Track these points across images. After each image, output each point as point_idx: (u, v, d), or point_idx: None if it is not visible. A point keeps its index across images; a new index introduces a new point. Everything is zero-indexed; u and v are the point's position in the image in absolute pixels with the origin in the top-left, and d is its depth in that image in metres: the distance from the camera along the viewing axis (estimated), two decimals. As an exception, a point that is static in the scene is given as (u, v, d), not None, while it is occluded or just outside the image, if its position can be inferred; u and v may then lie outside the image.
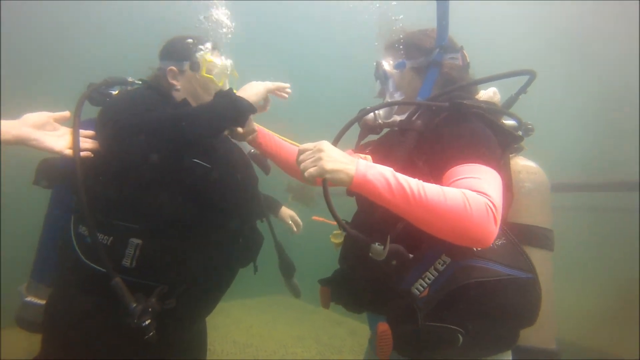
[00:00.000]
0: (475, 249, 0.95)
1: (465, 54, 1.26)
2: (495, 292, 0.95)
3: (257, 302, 5.63)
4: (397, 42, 1.30)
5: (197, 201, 1.26)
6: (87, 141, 1.18)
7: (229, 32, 1.54)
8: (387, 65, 1.31)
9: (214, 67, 1.46)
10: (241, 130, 1.43)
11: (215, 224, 1.31)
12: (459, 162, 0.96)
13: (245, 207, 1.44)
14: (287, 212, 1.94)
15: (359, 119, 1.18)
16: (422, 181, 0.90)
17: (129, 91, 1.36)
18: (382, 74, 1.30)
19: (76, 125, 1.17)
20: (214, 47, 1.49)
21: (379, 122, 1.20)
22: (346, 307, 1.19)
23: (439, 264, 0.96)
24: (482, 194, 0.87)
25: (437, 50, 1.21)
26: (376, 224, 1.02)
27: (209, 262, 1.31)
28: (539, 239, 1.24)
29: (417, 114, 1.15)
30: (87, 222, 1.16)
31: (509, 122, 1.20)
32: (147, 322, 1.10)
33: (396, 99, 1.27)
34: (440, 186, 0.89)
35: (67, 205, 1.34)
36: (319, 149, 0.95)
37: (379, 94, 1.34)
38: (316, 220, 1.44)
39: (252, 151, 1.62)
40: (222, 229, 1.34)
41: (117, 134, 1.14)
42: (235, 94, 1.29)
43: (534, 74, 1.14)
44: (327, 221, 1.32)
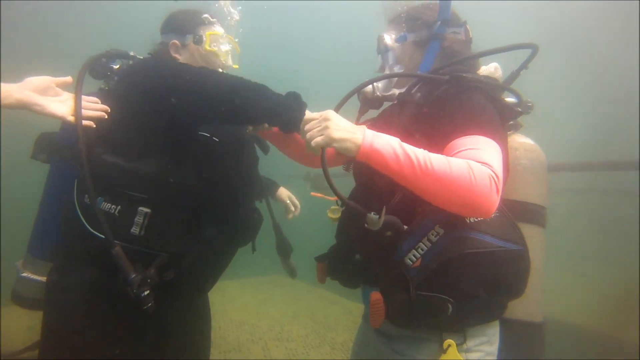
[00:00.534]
0: (468, 221, 0.96)
1: (468, 28, 1.24)
2: (485, 262, 0.96)
3: (252, 281, 5.73)
4: (400, 16, 1.29)
5: (206, 174, 1.27)
6: (93, 107, 1.16)
7: (235, 23, 1.54)
8: (388, 38, 1.29)
9: (218, 41, 1.44)
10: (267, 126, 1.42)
11: (221, 200, 1.32)
12: (461, 134, 0.96)
13: (248, 186, 1.45)
14: (284, 192, 1.93)
15: (359, 89, 1.18)
16: (427, 151, 0.90)
17: (161, 59, 1.37)
18: (384, 48, 1.29)
19: (78, 91, 1.15)
20: (217, 21, 1.48)
21: (377, 94, 1.20)
22: (342, 282, 1.21)
23: (432, 235, 0.97)
24: (485, 165, 0.88)
25: (439, 23, 1.19)
26: (373, 196, 1.03)
27: (214, 236, 1.32)
28: (532, 215, 1.26)
29: (416, 87, 1.15)
30: (89, 188, 1.15)
31: (510, 99, 1.19)
32: (146, 292, 1.10)
33: (396, 71, 1.26)
34: (445, 156, 0.90)
35: (68, 177, 1.33)
36: (326, 118, 0.94)
37: (380, 68, 1.33)
38: (314, 196, 1.45)
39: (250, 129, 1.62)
40: (227, 205, 1.35)
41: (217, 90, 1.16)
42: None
43: (537, 48, 1.13)
44: (325, 197, 1.34)
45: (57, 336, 1.21)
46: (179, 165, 1.22)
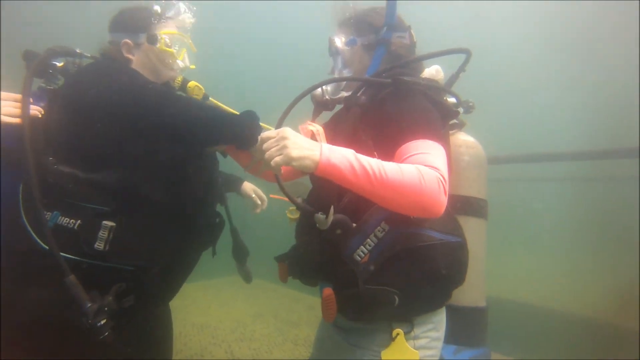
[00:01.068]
0: (411, 217, 1.01)
1: (412, 33, 1.30)
2: (428, 255, 1.03)
3: (214, 283, 5.60)
4: (349, 19, 1.31)
5: (168, 182, 1.23)
6: (20, 107, 1.08)
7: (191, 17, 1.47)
8: (339, 41, 1.32)
9: (173, 39, 1.38)
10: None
11: (184, 207, 1.28)
12: (408, 139, 1.01)
13: (210, 190, 1.43)
14: (249, 186, 1.88)
15: (306, 93, 1.19)
16: (381, 160, 0.94)
17: (113, 66, 1.27)
18: (334, 50, 1.32)
19: (26, 93, 1.07)
20: (171, 17, 1.40)
21: (326, 97, 1.22)
22: (302, 281, 1.24)
23: (379, 231, 1.02)
24: (433, 168, 0.94)
25: (385, 28, 1.24)
26: (326, 197, 1.06)
27: (179, 244, 1.29)
28: (475, 208, 1.36)
29: (361, 90, 1.19)
30: (37, 202, 1.07)
31: (450, 99, 1.27)
32: (103, 322, 1.04)
33: (344, 75, 1.29)
34: (397, 164, 0.94)
35: (5, 185, 1.21)
36: (283, 137, 0.94)
37: (332, 70, 1.36)
38: (274, 197, 1.46)
39: None
40: (190, 212, 1.31)
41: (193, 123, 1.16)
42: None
43: (470, 53, 1.22)
44: (284, 199, 1.35)
45: (11, 353, 1.12)
46: (141, 175, 1.17)
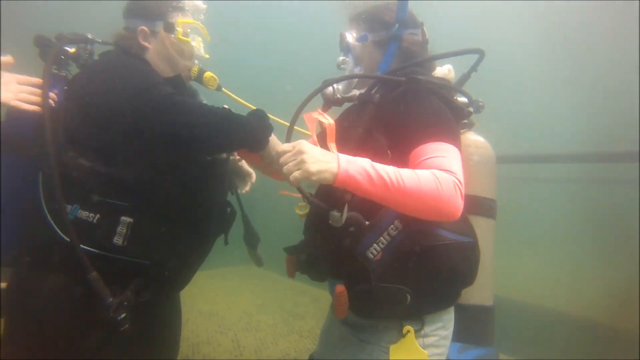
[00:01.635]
0: None
1: (424, 30, 1.30)
2: (440, 255, 1.04)
3: (222, 272, 5.69)
4: (361, 15, 1.31)
5: (182, 176, 1.25)
6: (38, 93, 1.08)
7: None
8: (350, 37, 1.31)
9: (190, 29, 1.38)
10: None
11: (197, 200, 1.30)
12: (424, 141, 1.01)
13: (221, 181, 1.44)
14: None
15: (317, 92, 1.20)
16: (397, 168, 0.94)
17: (123, 64, 1.25)
18: (345, 46, 1.32)
19: (45, 84, 1.07)
20: (187, 7, 1.40)
21: (338, 96, 1.23)
22: (310, 276, 1.25)
23: (392, 229, 1.03)
24: (449, 172, 0.94)
25: (397, 25, 1.23)
26: (336, 194, 1.06)
27: (194, 237, 1.31)
28: (485, 208, 1.36)
29: (375, 88, 1.19)
30: (57, 195, 1.09)
31: (461, 98, 1.27)
32: (123, 315, 1.09)
33: (356, 72, 1.29)
34: (414, 170, 0.95)
35: (25, 176, 1.23)
36: (300, 151, 0.94)
37: (341, 65, 1.35)
38: (283, 194, 1.47)
39: None
40: (203, 204, 1.33)
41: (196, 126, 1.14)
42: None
43: (483, 53, 1.21)
44: (293, 194, 1.36)
45: (23, 343, 1.16)
46: (157, 170, 1.19)
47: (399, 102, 1.11)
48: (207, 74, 1.44)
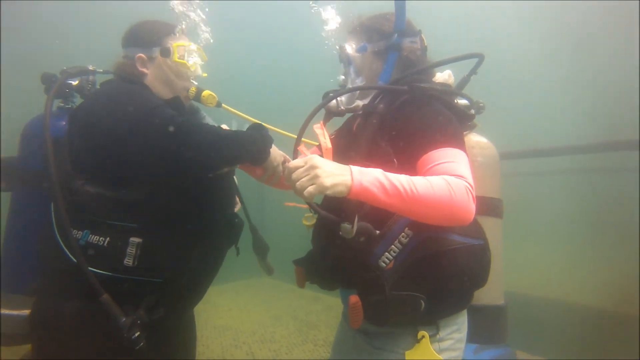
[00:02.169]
0: None
1: (423, 37, 1.32)
2: (452, 259, 1.05)
3: (233, 286, 5.69)
4: (359, 26, 1.33)
5: (188, 192, 1.27)
6: None
7: (207, 34, 1.51)
8: (349, 48, 1.34)
9: (186, 51, 1.42)
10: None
11: (205, 214, 1.32)
12: (431, 147, 1.03)
13: (227, 194, 1.47)
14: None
15: (322, 106, 1.22)
16: (409, 176, 0.95)
17: (123, 90, 1.29)
18: (345, 58, 1.34)
19: (47, 124, 1.12)
20: (182, 30, 1.45)
21: (342, 108, 1.25)
22: (320, 285, 1.26)
23: (403, 237, 1.04)
24: (459, 177, 0.96)
25: (395, 34, 1.26)
26: (345, 204, 1.07)
27: (204, 252, 1.33)
28: (491, 208, 1.38)
29: (379, 98, 1.21)
30: (64, 222, 1.13)
31: (462, 101, 1.29)
32: (137, 334, 1.11)
33: (358, 84, 1.31)
34: (426, 178, 0.95)
35: (39, 207, 1.28)
36: (313, 166, 0.93)
37: (343, 77, 1.37)
38: (289, 205, 1.49)
39: None
40: (211, 219, 1.35)
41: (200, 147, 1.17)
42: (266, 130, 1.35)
43: (483, 57, 1.23)
44: (299, 205, 1.38)
45: None
46: (163, 191, 1.22)
47: (403, 111, 1.12)
48: (205, 93, 1.48)
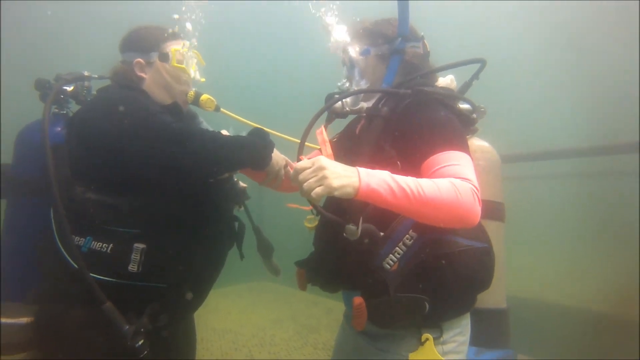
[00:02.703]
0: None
1: (425, 43, 1.33)
2: (456, 261, 1.06)
3: (233, 289, 5.69)
4: (363, 30, 1.35)
5: (189, 196, 1.27)
6: None
7: (198, 32, 1.51)
8: (353, 52, 1.35)
9: (184, 56, 1.42)
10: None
11: (207, 218, 1.33)
12: (436, 151, 1.03)
13: (227, 197, 1.47)
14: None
15: (328, 107, 1.23)
16: (416, 178, 0.96)
17: (122, 97, 1.28)
18: (349, 61, 1.35)
19: (46, 132, 1.12)
20: (179, 35, 1.46)
21: (347, 109, 1.26)
22: (322, 287, 1.26)
23: (407, 239, 1.04)
24: (465, 180, 0.97)
25: (399, 39, 1.27)
26: (348, 206, 1.08)
27: (206, 256, 1.33)
28: (493, 212, 1.38)
29: (382, 101, 1.22)
30: (65, 229, 1.13)
31: (464, 106, 1.30)
32: (141, 342, 1.11)
33: (362, 86, 1.33)
34: (432, 180, 0.96)
35: (37, 215, 1.27)
36: (320, 167, 0.93)
37: (345, 79, 1.38)
38: (291, 207, 1.49)
39: None
40: (212, 223, 1.36)
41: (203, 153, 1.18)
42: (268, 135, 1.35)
43: (485, 62, 1.25)
44: (301, 207, 1.39)
45: None
46: (165, 196, 1.22)
47: (407, 114, 1.13)
48: (204, 97, 1.48)
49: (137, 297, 1.18)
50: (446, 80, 1.31)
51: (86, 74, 1.39)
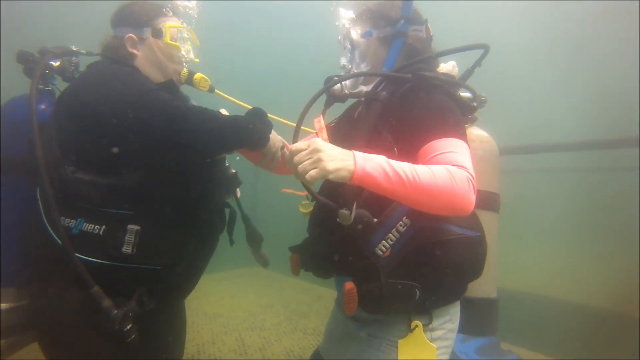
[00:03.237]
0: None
1: (429, 27, 1.30)
2: (449, 249, 1.05)
3: (225, 275, 5.70)
4: (365, 11, 1.32)
5: (185, 181, 1.25)
6: None
7: (194, 12, 1.46)
8: (354, 34, 1.32)
9: (177, 33, 1.38)
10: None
11: (198, 202, 1.31)
12: (433, 137, 1.02)
13: (219, 182, 1.45)
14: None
15: (326, 89, 1.21)
16: (412, 164, 0.95)
17: (115, 73, 1.23)
18: (350, 43, 1.32)
19: (33, 109, 1.08)
20: (174, 11, 1.41)
21: (346, 92, 1.24)
22: (315, 273, 1.26)
23: (401, 226, 1.04)
24: (461, 167, 0.95)
25: (402, 21, 1.24)
26: (343, 191, 1.07)
27: (199, 239, 1.32)
28: (488, 202, 1.38)
29: (382, 85, 1.20)
30: (52, 211, 1.09)
31: (465, 93, 1.28)
32: (129, 326, 1.09)
33: (362, 69, 1.30)
34: (428, 167, 0.95)
35: (21, 195, 1.23)
36: (316, 149, 0.92)
37: (346, 62, 1.35)
38: (286, 192, 1.47)
39: None
40: (204, 207, 1.34)
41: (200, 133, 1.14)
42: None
43: (488, 48, 1.22)
44: (296, 192, 1.37)
45: (69, 354, 1.18)
46: (157, 177, 1.19)
47: (406, 99, 1.12)
48: (198, 75, 1.44)
49: (129, 279, 1.16)
50: (447, 66, 1.29)
51: (74, 48, 1.33)
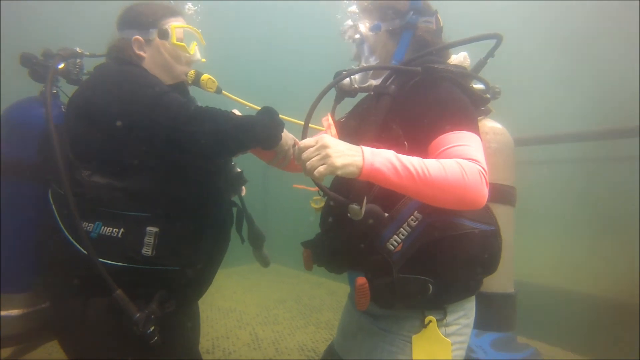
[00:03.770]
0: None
1: (439, 17, 1.27)
2: (462, 244, 1.04)
3: (238, 270, 5.75)
4: (373, 4, 1.29)
5: (198, 182, 1.26)
6: None
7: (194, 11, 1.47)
8: (363, 27, 1.30)
9: (184, 34, 1.38)
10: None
11: (209, 202, 1.32)
12: (444, 130, 1.00)
13: (226, 182, 1.45)
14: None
15: (335, 84, 1.19)
16: (421, 158, 0.93)
17: (128, 74, 1.22)
18: (359, 37, 1.30)
19: (49, 113, 1.09)
20: (179, 12, 1.41)
21: (355, 86, 1.22)
22: (327, 268, 1.25)
23: (412, 220, 1.02)
24: (473, 161, 0.94)
25: (411, 13, 1.22)
26: (354, 186, 1.06)
27: (215, 238, 1.33)
28: (503, 195, 1.35)
29: (391, 79, 1.18)
30: (73, 215, 1.09)
31: (478, 85, 1.25)
32: (152, 328, 1.11)
33: (371, 63, 1.28)
34: (438, 161, 0.93)
35: (35, 200, 1.24)
36: (324, 145, 0.91)
37: (355, 56, 1.35)
38: (297, 187, 1.47)
39: None
40: (215, 206, 1.35)
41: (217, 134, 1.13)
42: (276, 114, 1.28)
43: (501, 38, 1.18)
44: (308, 188, 1.37)
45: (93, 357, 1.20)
46: (173, 178, 1.20)
47: (416, 92, 1.09)
48: (205, 77, 1.43)
49: (149, 281, 1.17)
50: (459, 57, 1.26)
51: (79, 50, 1.34)
